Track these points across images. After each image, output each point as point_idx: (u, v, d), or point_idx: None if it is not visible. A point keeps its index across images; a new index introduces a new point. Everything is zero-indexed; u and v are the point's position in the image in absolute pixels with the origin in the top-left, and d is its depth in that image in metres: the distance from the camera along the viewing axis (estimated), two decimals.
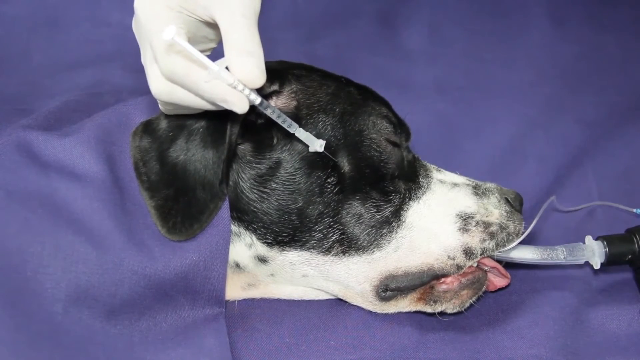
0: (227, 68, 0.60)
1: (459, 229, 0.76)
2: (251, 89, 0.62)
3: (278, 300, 0.81)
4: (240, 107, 0.61)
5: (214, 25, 0.65)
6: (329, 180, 0.73)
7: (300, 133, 0.69)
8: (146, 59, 0.66)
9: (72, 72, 1.17)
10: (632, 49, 1.31)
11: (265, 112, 0.66)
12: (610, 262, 0.81)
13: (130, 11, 0.67)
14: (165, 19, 0.62)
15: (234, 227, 0.75)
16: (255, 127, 0.74)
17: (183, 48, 0.59)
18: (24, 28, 1.22)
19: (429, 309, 0.78)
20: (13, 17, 1.23)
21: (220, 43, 0.68)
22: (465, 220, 0.77)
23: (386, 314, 0.79)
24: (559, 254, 0.80)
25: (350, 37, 1.31)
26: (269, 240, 0.75)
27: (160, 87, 0.64)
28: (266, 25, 1.33)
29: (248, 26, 0.61)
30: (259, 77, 0.61)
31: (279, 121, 0.67)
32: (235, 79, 0.61)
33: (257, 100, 0.64)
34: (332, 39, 1.30)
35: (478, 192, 0.80)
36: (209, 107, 0.64)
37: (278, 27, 1.31)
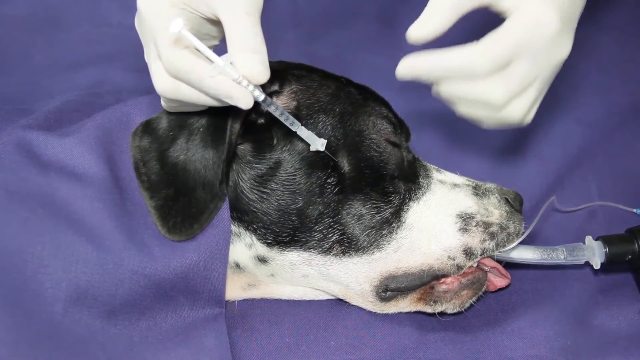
0: (231, 64, 0.61)
1: (459, 230, 0.76)
2: (255, 86, 0.63)
3: (278, 301, 0.81)
4: (245, 103, 0.61)
5: (216, 23, 0.65)
6: (329, 180, 0.73)
7: (302, 131, 0.69)
8: (150, 57, 0.66)
9: (72, 72, 1.17)
10: (632, 49, 1.31)
11: (268, 109, 0.66)
12: (610, 262, 0.81)
13: (130, 11, 0.67)
14: (169, 15, 0.62)
15: (234, 228, 0.75)
16: (255, 127, 0.74)
17: (189, 41, 0.59)
18: (24, 28, 1.21)
19: (429, 309, 0.78)
20: (13, 17, 1.22)
21: (222, 40, 0.68)
22: (466, 221, 0.77)
23: (386, 314, 0.79)
24: (559, 254, 0.80)
25: (350, 37, 1.30)
26: (269, 241, 0.75)
27: (165, 84, 0.64)
28: (266, 25, 1.33)
29: (251, 23, 0.61)
30: (263, 74, 0.61)
31: (282, 119, 0.67)
32: (240, 75, 0.61)
33: (261, 97, 0.64)
34: (332, 39, 1.30)
35: (478, 192, 0.80)
36: (213, 103, 0.64)
37: (278, 27, 1.31)
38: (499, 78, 0.67)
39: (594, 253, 0.80)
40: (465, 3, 0.68)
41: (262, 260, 0.76)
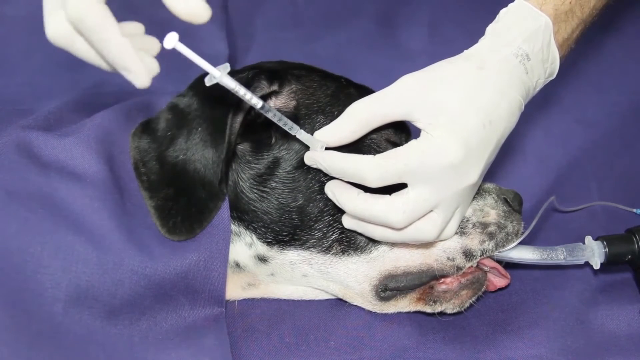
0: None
1: (457, 232, 0.76)
2: (253, 94, 0.62)
3: (278, 300, 0.81)
4: (141, 82, 0.58)
5: None
6: (328, 177, 0.73)
7: (302, 135, 0.69)
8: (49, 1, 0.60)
9: (72, 72, 1.17)
10: (633, 49, 1.31)
11: (266, 115, 0.66)
12: (610, 262, 0.81)
13: (131, 11, 0.67)
14: None
15: (234, 227, 0.75)
16: (254, 126, 0.74)
17: (185, 54, 0.58)
18: (24, 28, 1.21)
19: (428, 309, 0.78)
20: (13, 17, 1.22)
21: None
22: (462, 224, 0.76)
23: (386, 314, 0.79)
24: (558, 254, 0.80)
25: (350, 37, 1.31)
26: (269, 240, 0.75)
27: (58, 32, 0.59)
28: (266, 25, 1.33)
29: None
30: (206, 10, 0.57)
31: (280, 124, 0.68)
32: (237, 84, 0.61)
33: (259, 104, 0.64)
34: (332, 39, 1.30)
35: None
36: (104, 66, 0.60)
37: (278, 27, 1.31)
38: (398, 200, 0.67)
39: (594, 253, 0.80)
40: (377, 119, 0.69)
41: (262, 259, 0.76)
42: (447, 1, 1.40)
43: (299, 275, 0.77)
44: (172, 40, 0.57)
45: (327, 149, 0.70)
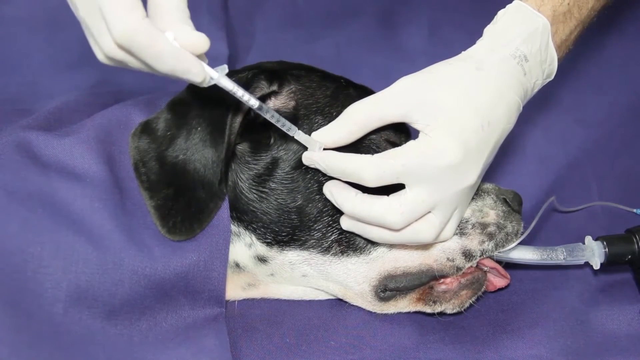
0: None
1: (457, 233, 0.76)
2: (251, 94, 0.62)
3: (278, 301, 0.81)
4: (201, 79, 0.59)
5: None
6: (326, 177, 0.73)
7: (300, 136, 0.69)
8: (93, 27, 0.59)
9: (72, 72, 1.17)
10: (632, 49, 1.31)
11: (264, 115, 0.66)
12: (610, 263, 0.81)
13: None
14: None
15: (234, 227, 0.75)
16: (253, 126, 0.74)
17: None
18: (24, 28, 1.21)
19: (428, 310, 0.78)
20: (13, 17, 1.22)
21: None
22: (461, 224, 0.76)
23: (386, 314, 0.79)
24: (558, 255, 0.80)
25: (350, 37, 1.31)
26: (269, 240, 0.75)
27: (110, 56, 0.58)
28: (266, 25, 1.33)
29: None
30: (207, 41, 0.58)
31: (278, 125, 0.68)
32: (235, 85, 0.61)
33: (256, 104, 0.64)
34: (332, 39, 1.30)
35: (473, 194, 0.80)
36: (158, 73, 0.60)
37: (278, 27, 1.31)
38: (396, 200, 0.67)
39: (594, 253, 0.80)
40: (375, 121, 0.69)
41: (262, 259, 0.76)
42: (447, 1, 1.40)
43: (299, 275, 0.77)
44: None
45: (325, 149, 0.71)
